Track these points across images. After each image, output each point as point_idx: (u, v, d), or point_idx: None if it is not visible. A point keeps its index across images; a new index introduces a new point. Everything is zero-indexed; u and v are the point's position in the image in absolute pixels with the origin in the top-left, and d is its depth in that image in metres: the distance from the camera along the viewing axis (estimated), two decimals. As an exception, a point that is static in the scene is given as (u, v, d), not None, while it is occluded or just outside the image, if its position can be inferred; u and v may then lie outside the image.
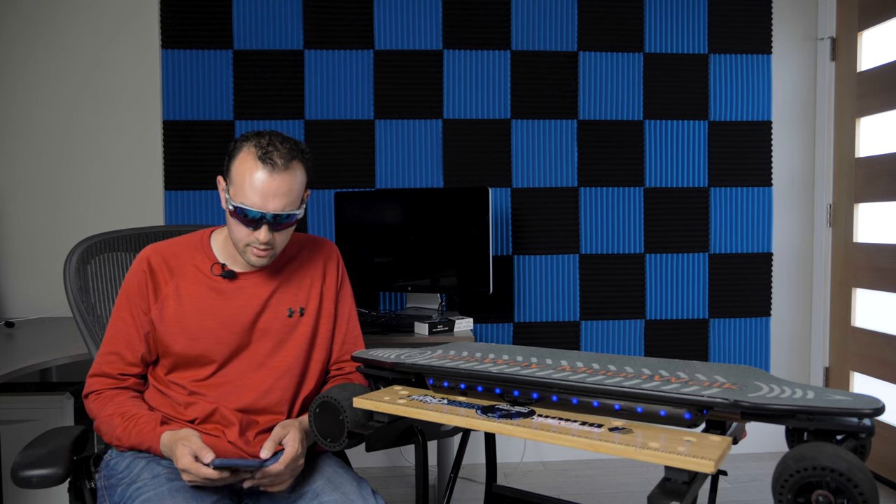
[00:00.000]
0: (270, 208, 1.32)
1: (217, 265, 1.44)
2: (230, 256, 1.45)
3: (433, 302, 2.50)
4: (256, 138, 1.35)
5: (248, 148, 1.33)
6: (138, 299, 1.42)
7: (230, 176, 1.36)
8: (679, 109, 2.88)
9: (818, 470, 0.85)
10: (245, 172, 1.32)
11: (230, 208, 1.34)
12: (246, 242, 1.37)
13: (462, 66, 2.80)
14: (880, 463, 2.63)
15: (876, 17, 2.68)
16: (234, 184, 1.34)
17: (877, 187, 2.67)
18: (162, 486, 1.27)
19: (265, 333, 1.43)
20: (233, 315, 1.42)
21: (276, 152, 1.32)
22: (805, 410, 0.95)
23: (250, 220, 1.33)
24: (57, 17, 2.68)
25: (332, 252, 1.56)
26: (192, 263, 1.44)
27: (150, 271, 1.43)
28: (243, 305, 1.43)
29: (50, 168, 2.69)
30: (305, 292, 1.49)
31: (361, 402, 1.23)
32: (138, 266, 1.44)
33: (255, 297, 1.44)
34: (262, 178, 1.31)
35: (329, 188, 2.77)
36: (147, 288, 1.42)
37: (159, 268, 1.43)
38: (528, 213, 2.85)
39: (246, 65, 2.74)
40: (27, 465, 1.27)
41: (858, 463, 0.85)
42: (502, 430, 1.08)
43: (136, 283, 1.43)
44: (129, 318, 1.42)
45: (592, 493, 2.58)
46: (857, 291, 2.79)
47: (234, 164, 1.35)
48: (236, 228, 1.36)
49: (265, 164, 1.32)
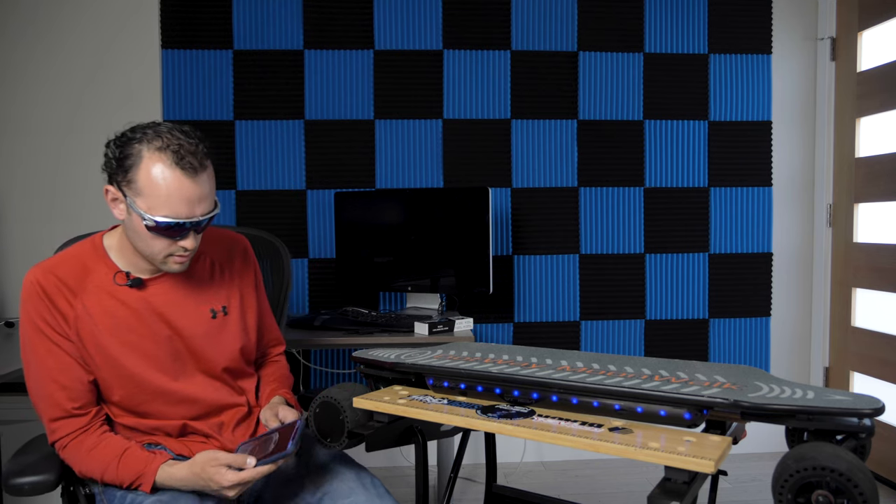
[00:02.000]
0: (198, 214, 1.22)
1: (120, 274, 1.29)
2: (131, 263, 1.30)
3: (433, 302, 2.50)
4: (157, 139, 1.19)
5: (152, 153, 1.18)
6: (52, 326, 1.25)
7: (136, 187, 1.19)
8: (679, 109, 2.88)
9: (818, 470, 0.85)
10: (161, 183, 1.18)
11: (150, 224, 1.19)
12: (168, 253, 1.25)
13: (462, 66, 2.80)
14: (880, 463, 2.63)
15: (876, 17, 2.68)
16: (147, 195, 1.18)
17: (877, 187, 2.67)
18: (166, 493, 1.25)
19: (192, 339, 1.34)
20: (153, 326, 1.30)
21: (189, 154, 1.19)
22: (805, 410, 0.95)
23: (175, 230, 1.21)
24: (58, 17, 2.68)
25: (244, 245, 1.49)
26: (92, 277, 1.28)
27: (46, 296, 1.25)
28: (161, 314, 1.31)
29: (50, 168, 2.68)
30: (225, 290, 1.41)
31: (361, 402, 1.23)
32: (31, 293, 1.25)
33: (171, 303, 1.32)
34: (186, 186, 1.19)
35: (329, 188, 2.77)
36: (54, 314, 1.25)
37: (57, 290, 1.25)
38: (528, 213, 2.85)
39: (246, 65, 2.74)
40: (18, 473, 1.24)
41: (858, 463, 0.85)
42: (502, 430, 1.08)
43: (40, 312, 1.25)
44: (55, 348, 1.25)
45: (592, 493, 2.58)
46: (857, 291, 2.79)
47: (138, 173, 1.18)
48: (154, 242, 1.23)
49: (185, 169, 1.19)
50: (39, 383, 1.26)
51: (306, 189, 2.77)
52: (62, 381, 1.25)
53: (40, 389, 1.26)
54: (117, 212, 1.25)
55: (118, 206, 1.25)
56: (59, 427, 1.26)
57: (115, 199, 1.24)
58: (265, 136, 2.75)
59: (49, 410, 1.26)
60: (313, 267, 2.79)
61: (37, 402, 1.28)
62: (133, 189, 1.20)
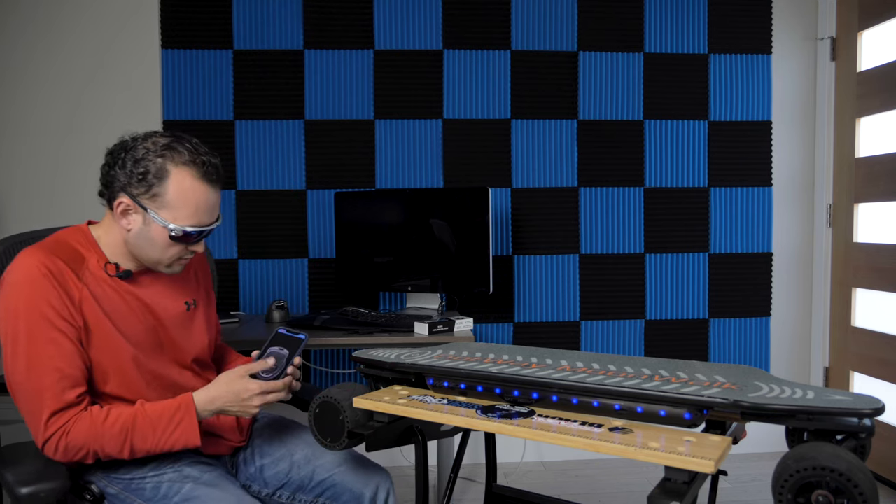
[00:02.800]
0: (214, 219, 1.33)
1: (111, 265, 1.31)
2: (120, 257, 1.33)
3: (433, 302, 2.50)
4: (178, 153, 1.26)
5: (179, 167, 1.25)
6: (58, 310, 1.22)
7: (163, 200, 1.25)
8: (679, 109, 2.88)
9: (818, 470, 0.85)
10: (192, 195, 1.26)
11: (177, 234, 1.27)
12: (179, 257, 1.33)
13: (462, 66, 2.80)
14: (880, 463, 2.63)
15: (876, 17, 2.68)
16: (176, 207, 1.26)
17: (877, 187, 2.67)
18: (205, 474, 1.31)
19: (171, 329, 1.38)
20: (140, 315, 1.33)
21: (211, 165, 1.28)
22: (805, 410, 0.95)
23: (194, 237, 1.31)
24: (58, 17, 2.68)
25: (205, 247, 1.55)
26: (87, 264, 1.29)
27: (55, 278, 1.23)
28: (147, 305, 1.35)
29: (50, 168, 2.68)
30: (192, 284, 1.48)
31: (361, 402, 1.23)
32: (37, 277, 1.21)
33: (155, 295, 1.37)
34: (210, 196, 1.29)
35: (329, 188, 2.77)
36: (62, 296, 1.23)
37: (63, 272, 1.24)
38: (528, 213, 2.85)
39: (246, 65, 2.74)
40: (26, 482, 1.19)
41: (858, 463, 0.85)
42: (502, 430, 1.08)
43: (47, 296, 1.21)
44: (57, 335, 1.22)
45: (592, 493, 2.58)
46: (857, 291, 2.79)
47: (166, 187, 1.25)
48: (170, 249, 1.30)
49: (210, 182, 1.29)
50: (34, 374, 1.20)
51: (306, 189, 2.77)
52: (64, 370, 1.21)
53: (36, 382, 1.20)
54: (125, 222, 1.28)
55: (129, 217, 1.28)
56: (55, 420, 1.20)
57: (128, 210, 1.27)
58: (265, 136, 2.75)
59: (49, 403, 1.20)
60: (313, 267, 2.79)
61: (30, 398, 1.21)
62: (157, 202, 1.26)
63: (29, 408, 1.22)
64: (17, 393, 1.23)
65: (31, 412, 1.21)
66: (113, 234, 1.33)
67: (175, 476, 1.31)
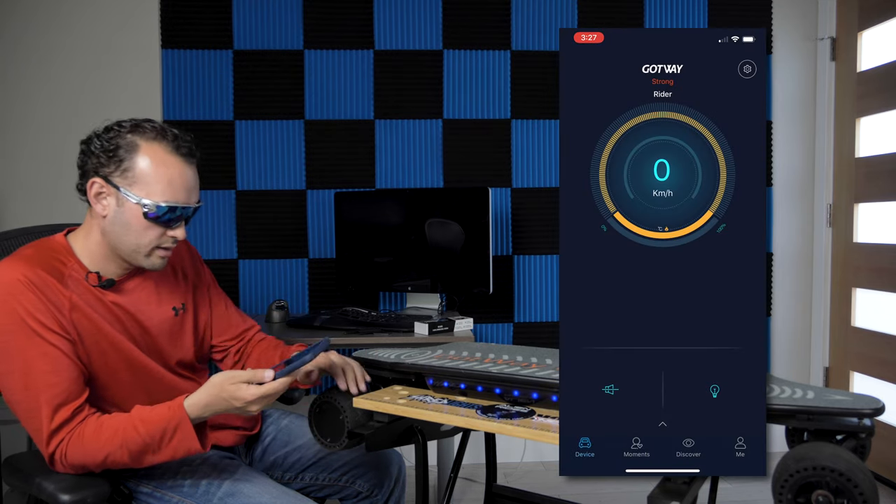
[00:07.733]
0: (193, 201, 1.28)
1: (92, 274, 1.27)
2: (100, 265, 1.29)
3: (433, 302, 2.50)
4: (149, 130, 1.25)
5: (149, 141, 1.24)
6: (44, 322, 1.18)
7: (133, 175, 1.22)
8: (679, 109, 2.88)
9: (818, 470, 0.85)
10: (162, 167, 1.23)
11: (150, 209, 1.22)
12: (157, 244, 1.27)
13: (462, 66, 2.80)
14: (880, 463, 2.63)
15: (876, 17, 2.68)
16: (147, 182, 1.22)
17: (877, 187, 2.67)
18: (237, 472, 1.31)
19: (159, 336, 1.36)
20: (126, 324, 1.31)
21: (184, 141, 1.27)
22: (805, 410, 0.95)
23: (174, 218, 1.25)
24: (57, 17, 2.68)
25: (188, 245, 1.51)
26: (69, 273, 1.25)
27: (37, 289, 1.18)
28: (132, 314, 1.32)
29: (50, 168, 2.68)
30: (181, 287, 1.43)
31: (361, 402, 1.23)
32: (17, 290, 1.17)
33: (139, 302, 1.33)
34: (185, 171, 1.26)
35: (329, 188, 2.77)
36: (48, 306, 1.19)
37: (45, 282, 1.20)
38: (528, 213, 2.84)
39: (246, 65, 2.74)
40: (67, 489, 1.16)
41: (858, 463, 0.85)
42: (502, 430, 1.08)
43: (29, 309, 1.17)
44: (48, 348, 1.18)
45: (592, 492, 2.58)
46: (857, 291, 2.79)
47: (135, 160, 1.22)
48: (146, 232, 1.24)
49: (183, 155, 1.26)
50: (31, 393, 1.17)
51: (306, 189, 2.77)
52: (59, 385, 1.17)
53: (33, 401, 1.17)
54: (100, 207, 1.24)
55: (103, 201, 1.24)
56: (54, 438, 1.17)
57: (101, 192, 1.24)
58: (265, 136, 2.75)
59: (46, 422, 1.16)
60: (313, 267, 2.79)
61: (29, 416, 1.18)
62: (128, 178, 1.22)
63: (30, 426, 1.20)
64: (17, 411, 1.21)
65: (33, 430, 1.20)
66: (92, 235, 1.28)
67: (208, 470, 1.32)
